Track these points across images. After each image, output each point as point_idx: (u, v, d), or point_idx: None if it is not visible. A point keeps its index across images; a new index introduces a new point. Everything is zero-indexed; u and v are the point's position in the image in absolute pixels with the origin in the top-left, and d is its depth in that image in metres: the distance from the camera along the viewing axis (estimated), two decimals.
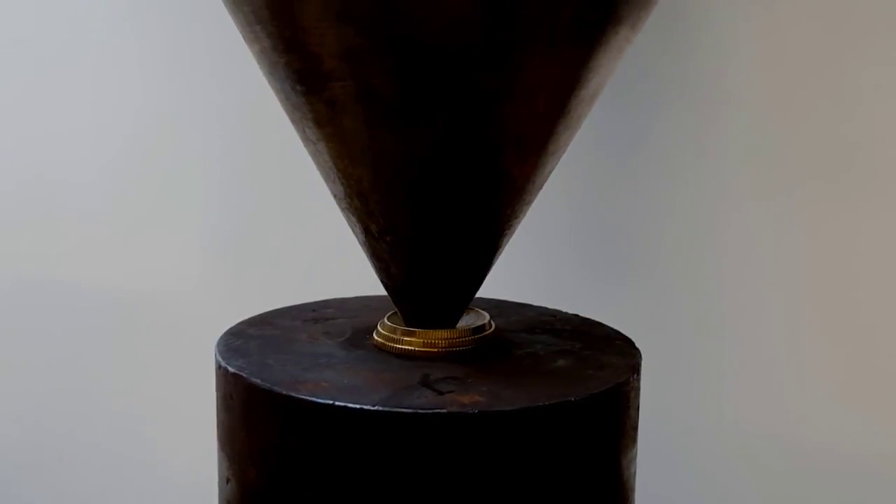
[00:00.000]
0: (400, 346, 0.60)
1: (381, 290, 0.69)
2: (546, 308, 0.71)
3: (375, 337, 0.62)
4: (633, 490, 0.61)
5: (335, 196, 0.59)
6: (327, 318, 0.67)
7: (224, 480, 0.59)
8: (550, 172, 0.59)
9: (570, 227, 0.89)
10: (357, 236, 0.60)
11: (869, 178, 0.81)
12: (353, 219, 0.59)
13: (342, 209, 0.59)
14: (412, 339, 0.60)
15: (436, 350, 0.60)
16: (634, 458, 0.60)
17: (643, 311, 0.88)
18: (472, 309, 0.64)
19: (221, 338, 0.63)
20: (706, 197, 0.86)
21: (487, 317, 0.63)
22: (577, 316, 0.69)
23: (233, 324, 0.66)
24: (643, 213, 0.88)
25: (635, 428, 0.60)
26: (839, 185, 0.82)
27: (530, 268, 0.90)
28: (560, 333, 0.65)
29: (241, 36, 0.57)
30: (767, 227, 0.84)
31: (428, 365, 0.58)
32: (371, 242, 0.59)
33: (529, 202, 0.60)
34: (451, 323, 0.62)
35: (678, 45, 0.82)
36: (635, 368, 0.59)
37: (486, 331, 0.62)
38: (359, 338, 0.63)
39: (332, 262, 0.86)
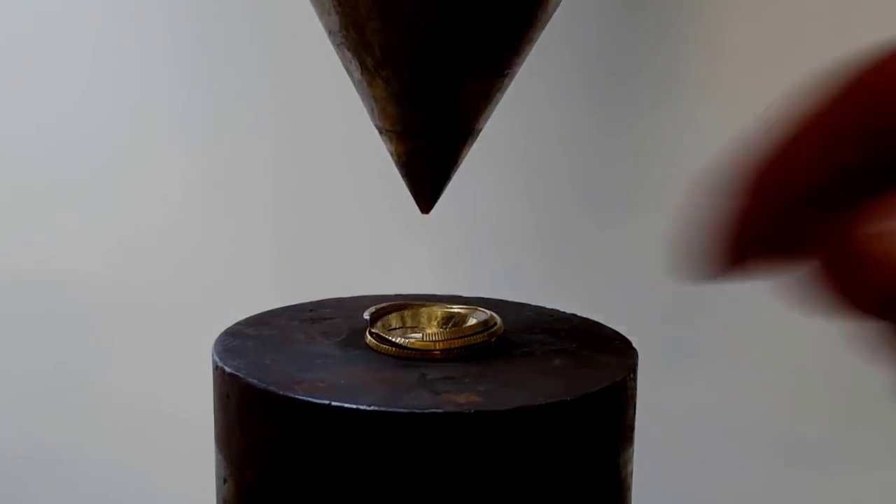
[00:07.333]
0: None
1: (380, 290, 0.69)
2: (544, 307, 0.71)
3: (369, 337, 0.62)
4: (629, 489, 0.61)
5: (329, 31, 0.57)
6: (324, 318, 0.67)
7: (221, 481, 0.59)
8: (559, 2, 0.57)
9: (569, 226, 0.88)
10: (352, 74, 0.58)
11: None
12: (349, 54, 0.57)
13: (336, 45, 0.57)
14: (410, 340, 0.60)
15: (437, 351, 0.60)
16: (631, 457, 0.60)
17: (642, 310, 0.88)
18: (477, 308, 0.64)
19: (218, 338, 0.63)
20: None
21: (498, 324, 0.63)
22: (575, 315, 0.69)
23: (230, 324, 0.66)
24: (643, 213, 0.88)
25: (632, 427, 0.60)
26: None
27: (529, 267, 0.90)
28: (558, 333, 0.65)
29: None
30: None
31: (424, 365, 0.58)
32: (367, 78, 0.57)
33: (535, 38, 0.57)
34: (446, 167, 0.59)
35: (677, 39, 0.82)
36: (632, 368, 0.59)
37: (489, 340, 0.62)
38: (356, 338, 0.63)
39: (330, 262, 0.86)
